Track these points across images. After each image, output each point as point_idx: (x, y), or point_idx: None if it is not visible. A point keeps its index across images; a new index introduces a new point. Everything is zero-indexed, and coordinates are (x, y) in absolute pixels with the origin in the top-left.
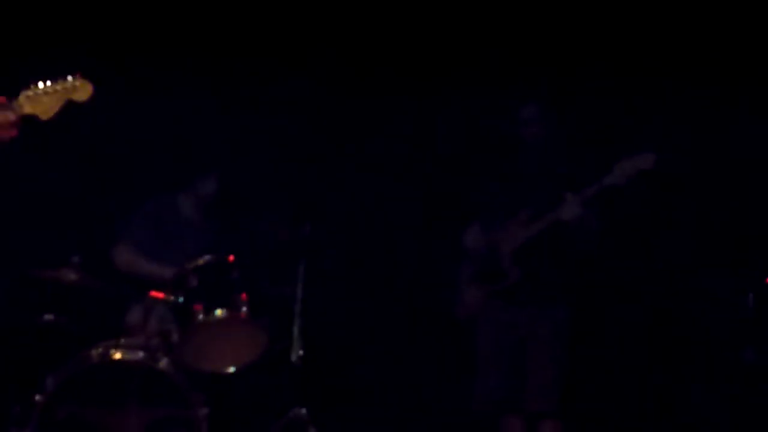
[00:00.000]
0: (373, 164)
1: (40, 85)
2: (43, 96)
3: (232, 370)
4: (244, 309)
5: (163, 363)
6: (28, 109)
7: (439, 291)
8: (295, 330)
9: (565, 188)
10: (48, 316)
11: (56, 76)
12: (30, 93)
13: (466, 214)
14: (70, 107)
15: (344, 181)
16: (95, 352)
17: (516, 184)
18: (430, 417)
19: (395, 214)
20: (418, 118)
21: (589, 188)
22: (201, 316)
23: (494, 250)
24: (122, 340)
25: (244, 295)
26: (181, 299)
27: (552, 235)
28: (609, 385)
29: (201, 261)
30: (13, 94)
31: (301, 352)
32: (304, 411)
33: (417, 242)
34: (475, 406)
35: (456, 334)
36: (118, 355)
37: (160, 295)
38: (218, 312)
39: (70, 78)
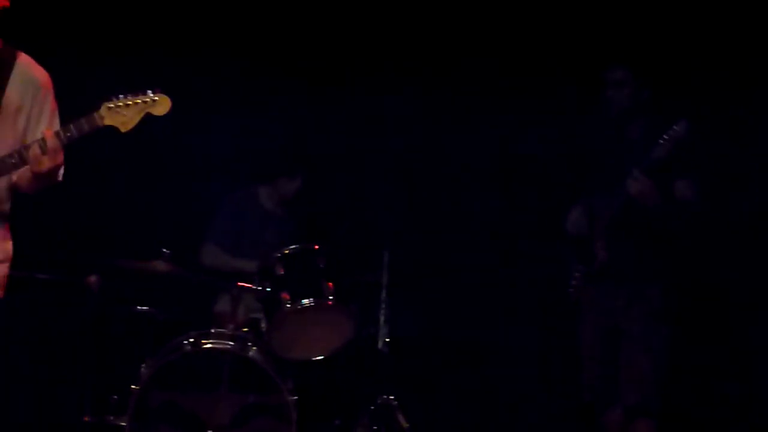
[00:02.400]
0: (457, 147)
1: (121, 97)
2: (124, 108)
3: (319, 357)
4: (331, 297)
5: (253, 351)
6: (108, 120)
7: (529, 273)
8: (382, 317)
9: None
10: (141, 307)
11: (136, 89)
12: (111, 105)
13: (558, 196)
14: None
15: (433, 162)
16: (187, 342)
17: (614, 162)
18: (520, 404)
19: (486, 198)
20: (505, 95)
21: (643, 162)
22: (288, 305)
23: (588, 232)
24: (212, 330)
25: (330, 283)
26: (268, 288)
27: (633, 212)
28: (712, 379)
29: (287, 250)
30: (94, 106)
31: (387, 339)
32: (392, 398)
33: (508, 226)
34: (581, 395)
35: (544, 318)
36: (208, 345)
37: (248, 284)
38: (305, 300)
39: (149, 92)
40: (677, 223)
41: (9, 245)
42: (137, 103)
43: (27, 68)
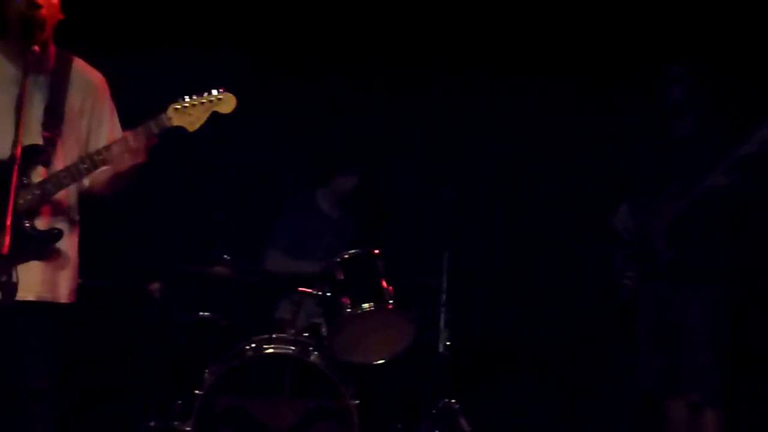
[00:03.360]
0: (515, 149)
1: (187, 98)
2: (190, 108)
3: (380, 361)
4: (391, 301)
5: (314, 356)
6: (176, 121)
7: (590, 275)
8: (442, 320)
9: (715, 156)
10: (203, 313)
11: (201, 89)
12: (178, 106)
13: (616, 196)
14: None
15: (487, 167)
16: (249, 347)
17: (664, 160)
18: (582, 404)
19: (540, 199)
20: (560, 99)
21: (730, 156)
22: (348, 309)
23: (645, 230)
24: (274, 335)
25: (390, 287)
26: (328, 293)
27: (704, 208)
28: None
29: (346, 254)
30: (161, 107)
31: (448, 342)
32: (454, 402)
33: (565, 226)
34: (639, 390)
35: (610, 319)
36: (270, 350)
37: (308, 289)
38: (365, 305)
39: (215, 91)
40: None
41: (76, 249)
42: (203, 102)
43: (83, 72)
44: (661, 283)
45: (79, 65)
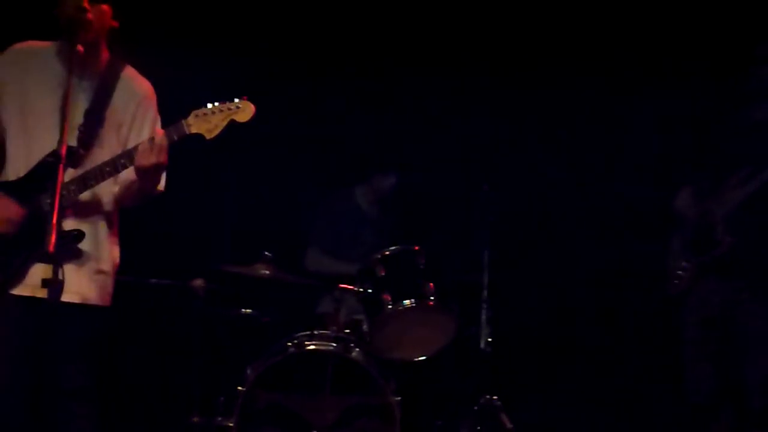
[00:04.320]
0: (561, 138)
1: (208, 105)
2: (210, 116)
3: (421, 358)
4: (432, 297)
5: (355, 353)
6: (195, 128)
7: (636, 270)
8: (483, 316)
9: None
10: (245, 310)
11: (222, 97)
12: (198, 113)
13: (672, 181)
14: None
15: (530, 156)
16: (290, 344)
17: (739, 144)
18: (624, 403)
19: (585, 192)
20: (616, 84)
21: None
22: (389, 306)
23: (707, 217)
24: (315, 332)
25: (431, 284)
26: (369, 290)
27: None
28: None
29: (387, 251)
30: (183, 113)
31: (489, 339)
32: (495, 398)
33: (611, 220)
34: (688, 396)
35: (656, 314)
36: (312, 346)
37: (350, 286)
38: (406, 301)
39: (235, 99)
40: None
41: (117, 252)
42: (222, 110)
43: (131, 81)
44: (718, 279)
45: (129, 73)
